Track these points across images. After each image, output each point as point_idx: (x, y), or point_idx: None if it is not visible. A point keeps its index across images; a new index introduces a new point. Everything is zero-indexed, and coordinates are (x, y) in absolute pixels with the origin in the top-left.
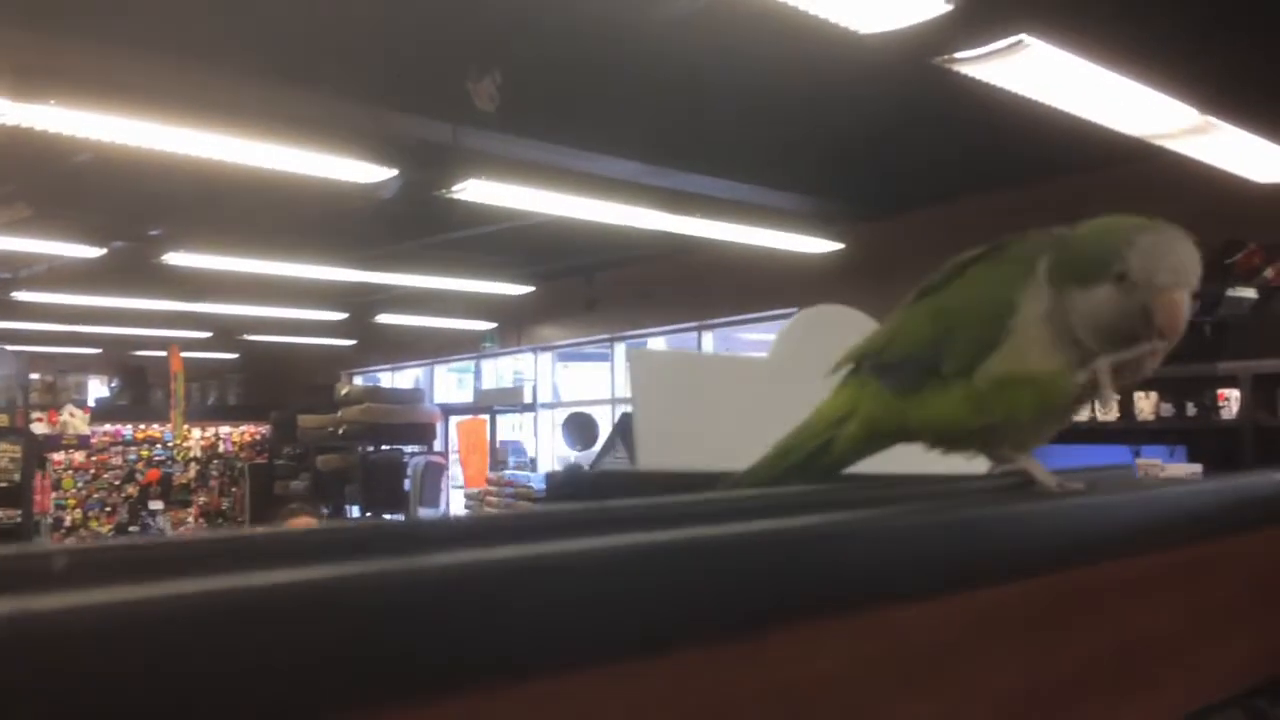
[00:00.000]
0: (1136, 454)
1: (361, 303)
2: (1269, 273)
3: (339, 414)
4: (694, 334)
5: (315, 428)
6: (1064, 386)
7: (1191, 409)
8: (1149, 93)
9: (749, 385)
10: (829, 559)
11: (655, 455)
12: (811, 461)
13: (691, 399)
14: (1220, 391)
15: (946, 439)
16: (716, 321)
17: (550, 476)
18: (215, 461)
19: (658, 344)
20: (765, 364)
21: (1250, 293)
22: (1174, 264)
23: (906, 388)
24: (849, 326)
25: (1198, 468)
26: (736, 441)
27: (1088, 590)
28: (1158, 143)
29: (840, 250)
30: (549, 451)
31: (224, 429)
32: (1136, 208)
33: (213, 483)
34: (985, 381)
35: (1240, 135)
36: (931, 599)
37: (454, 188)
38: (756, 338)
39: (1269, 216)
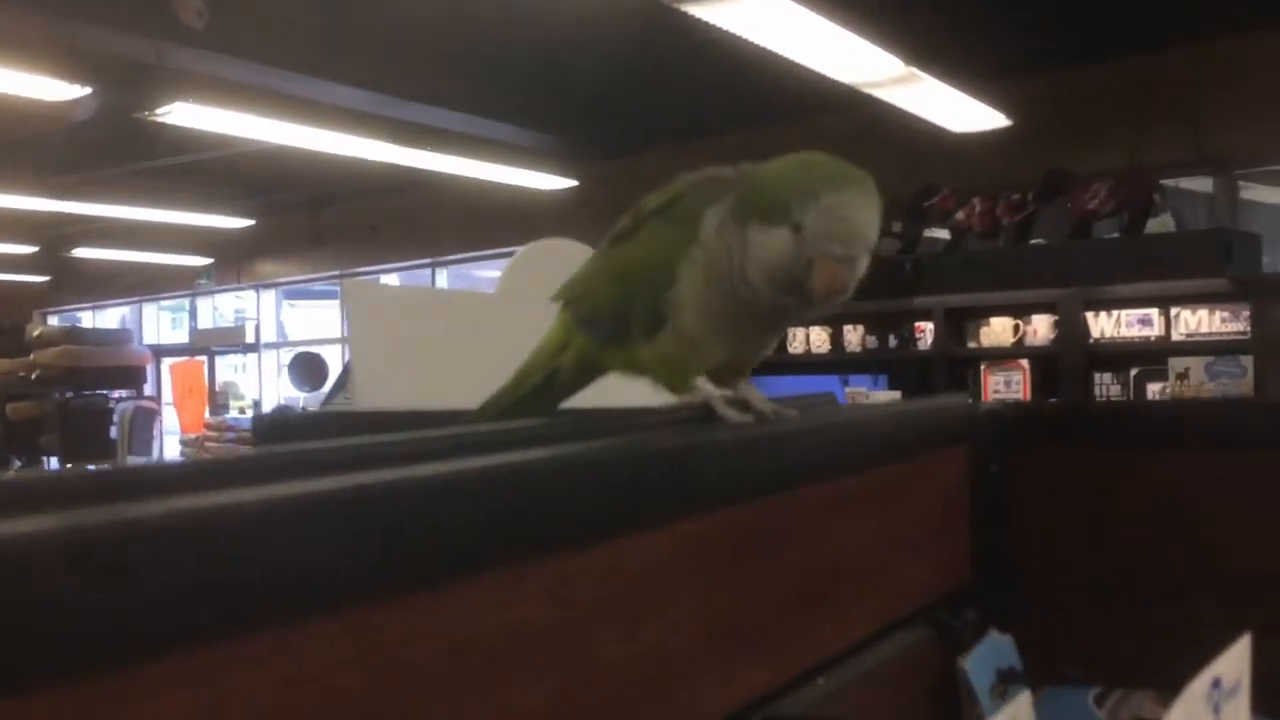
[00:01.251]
0: (845, 382)
1: (56, 235)
2: (960, 215)
3: (31, 357)
4: (428, 270)
5: (3, 373)
6: (712, 362)
7: (893, 340)
8: (861, 42)
9: (473, 320)
10: (523, 501)
11: (374, 394)
12: (541, 392)
13: (413, 334)
14: (917, 324)
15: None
16: (450, 258)
17: (256, 420)
18: None
19: (390, 280)
20: (490, 298)
21: (944, 233)
22: (846, 233)
23: (603, 340)
24: (575, 260)
25: (897, 394)
26: (460, 377)
27: (786, 515)
28: (867, 91)
29: (574, 187)
30: (274, 394)
31: None
32: (845, 153)
33: None
34: (654, 352)
35: (939, 87)
36: (635, 534)
37: (158, 110)
38: (491, 275)
39: (961, 163)
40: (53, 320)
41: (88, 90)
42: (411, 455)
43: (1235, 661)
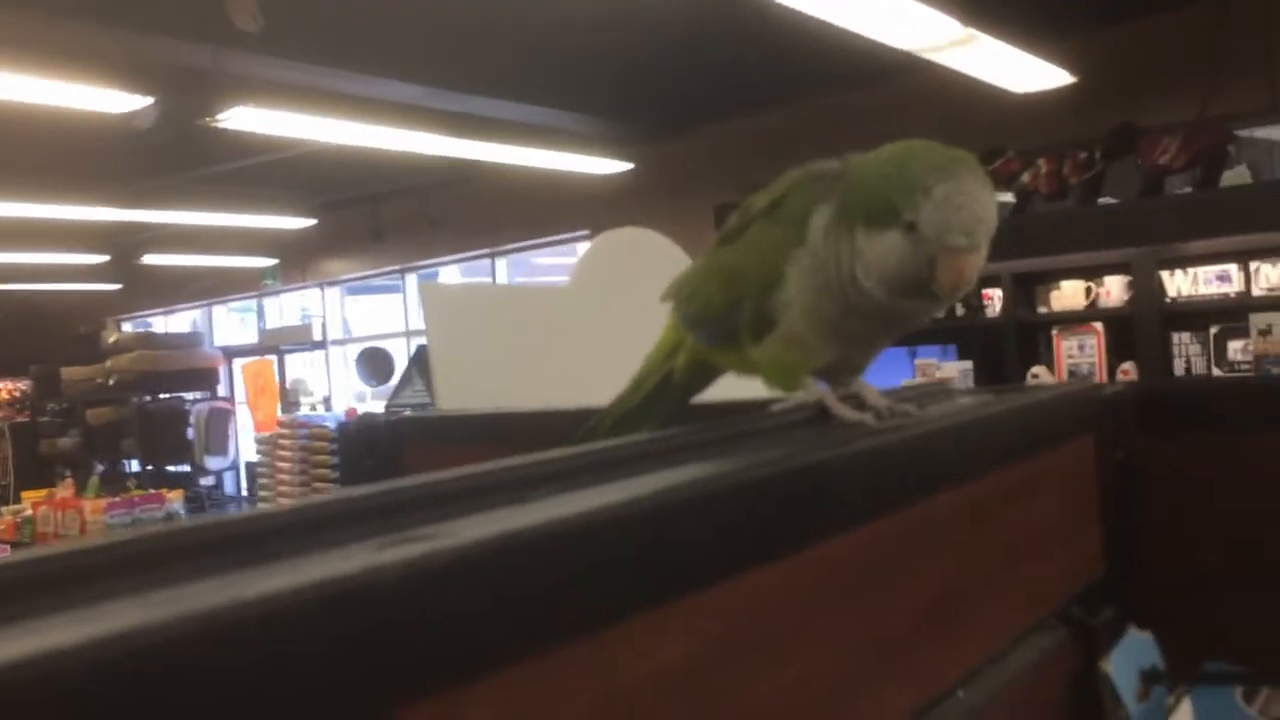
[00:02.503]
0: (913, 354)
1: (125, 243)
2: (1025, 178)
3: (108, 363)
4: (487, 261)
5: (82, 380)
6: (823, 361)
7: (960, 309)
8: (915, 5)
9: (548, 315)
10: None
11: (456, 394)
12: (660, 394)
13: (489, 332)
14: (985, 291)
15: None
16: (509, 247)
17: (343, 428)
18: None
19: (450, 273)
20: (564, 292)
21: (1009, 197)
22: (967, 223)
23: (712, 341)
24: (647, 249)
25: (968, 364)
26: (539, 373)
27: (924, 524)
28: (924, 56)
29: (629, 171)
30: (344, 389)
31: None
32: (904, 120)
33: None
34: (765, 353)
35: (999, 47)
36: (775, 561)
37: (218, 116)
38: (551, 261)
39: (1024, 125)
40: (126, 327)
41: (149, 100)
42: (514, 488)
43: None
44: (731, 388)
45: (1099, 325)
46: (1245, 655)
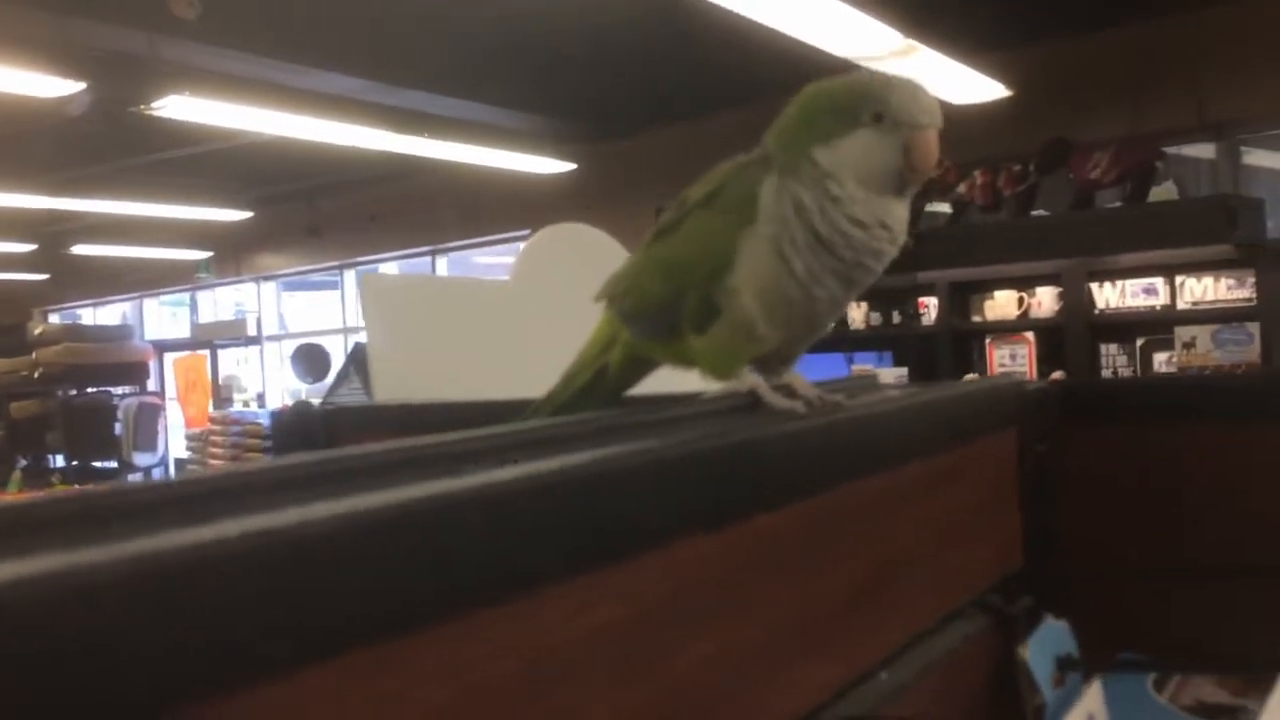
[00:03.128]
0: (850, 360)
1: (54, 232)
2: (962, 188)
3: (33, 356)
4: (427, 258)
5: (5, 372)
6: (767, 346)
7: (897, 317)
8: (859, 16)
9: (489, 309)
10: (597, 506)
11: (393, 387)
12: (591, 390)
13: (428, 325)
14: (921, 300)
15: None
16: (450, 245)
17: (276, 418)
18: None
19: (390, 269)
20: (505, 286)
21: (946, 207)
22: (927, 104)
23: (651, 337)
24: (589, 246)
25: (903, 371)
26: (478, 367)
27: (851, 507)
28: (866, 64)
29: (572, 171)
30: (277, 386)
31: None
32: None
33: None
34: (706, 342)
35: (938, 59)
36: (710, 532)
37: (153, 104)
38: (492, 260)
39: (962, 136)
40: (53, 318)
41: (81, 85)
42: (452, 458)
43: None
44: (664, 382)
45: (1030, 335)
46: (1158, 645)
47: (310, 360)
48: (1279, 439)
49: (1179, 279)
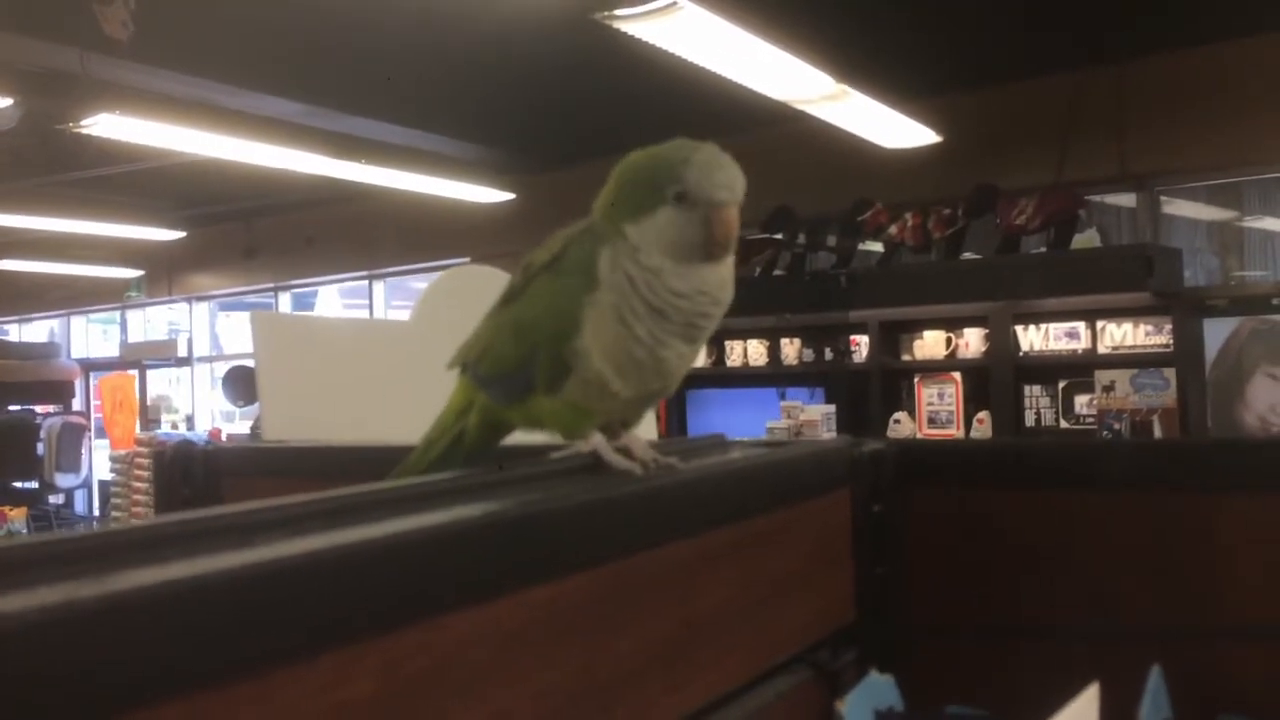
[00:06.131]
0: (782, 395)
1: None
2: (893, 230)
3: None
4: (364, 283)
5: None
6: (615, 404)
7: (829, 354)
8: (792, 60)
9: (383, 350)
10: (353, 581)
11: (283, 426)
12: (452, 451)
13: (321, 365)
14: (853, 337)
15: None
16: (387, 270)
17: (157, 457)
18: None
19: (327, 293)
20: (403, 327)
21: (877, 247)
22: (727, 179)
23: (506, 400)
24: (492, 288)
25: (831, 408)
26: (371, 408)
27: (652, 572)
28: (799, 107)
29: (510, 200)
30: (208, 408)
31: None
32: (780, 166)
33: None
34: (557, 403)
35: (869, 104)
36: (481, 604)
37: (83, 121)
38: None
39: (893, 179)
40: None
41: (9, 101)
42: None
43: (1082, 711)
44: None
45: (958, 375)
46: (987, 700)
47: (241, 383)
48: (1101, 504)
49: (1100, 324)
